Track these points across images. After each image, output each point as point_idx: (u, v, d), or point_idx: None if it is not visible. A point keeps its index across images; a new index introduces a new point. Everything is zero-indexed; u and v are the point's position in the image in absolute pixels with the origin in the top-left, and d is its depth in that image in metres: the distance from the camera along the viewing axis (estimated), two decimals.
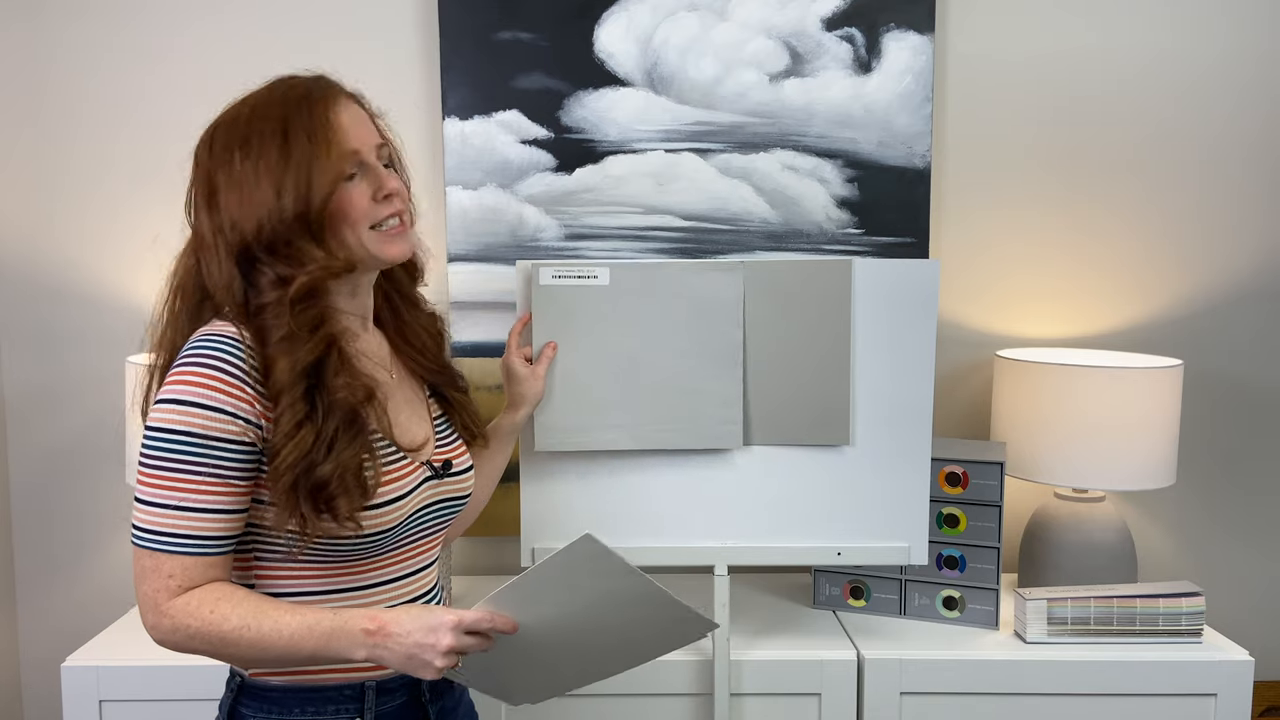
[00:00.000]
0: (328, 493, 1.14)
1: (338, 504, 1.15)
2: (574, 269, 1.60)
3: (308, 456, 1.13)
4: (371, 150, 1.24)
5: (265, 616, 1.13)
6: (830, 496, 1.64)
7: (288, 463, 1.13)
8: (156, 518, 1.13)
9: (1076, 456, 1.86)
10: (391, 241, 1.25)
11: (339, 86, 1.26)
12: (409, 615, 1.14)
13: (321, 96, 1.22)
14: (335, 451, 1.15)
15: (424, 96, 2.05)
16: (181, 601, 1.13)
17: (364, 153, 1.23)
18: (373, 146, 1.24)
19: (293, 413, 1.14)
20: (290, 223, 1.17)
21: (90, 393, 2.11)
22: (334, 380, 1.18)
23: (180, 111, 2.04)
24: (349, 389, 1.18)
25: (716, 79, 2.03)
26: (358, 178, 1.22)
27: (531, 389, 1.57)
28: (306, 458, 1.13)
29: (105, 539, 2.14)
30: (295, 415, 1.14)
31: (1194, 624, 1.78)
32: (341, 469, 1.15)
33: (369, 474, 1.18)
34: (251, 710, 1.25)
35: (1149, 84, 2.09)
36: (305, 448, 1.13)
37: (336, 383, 1.18)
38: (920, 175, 2.05)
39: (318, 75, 1.26)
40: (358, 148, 1.22)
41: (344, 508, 1.15)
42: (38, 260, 2.09)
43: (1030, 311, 2.14)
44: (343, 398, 1.17)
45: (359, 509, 1.16)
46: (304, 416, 1.14)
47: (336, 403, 1.17)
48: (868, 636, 1.81)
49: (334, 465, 1.14)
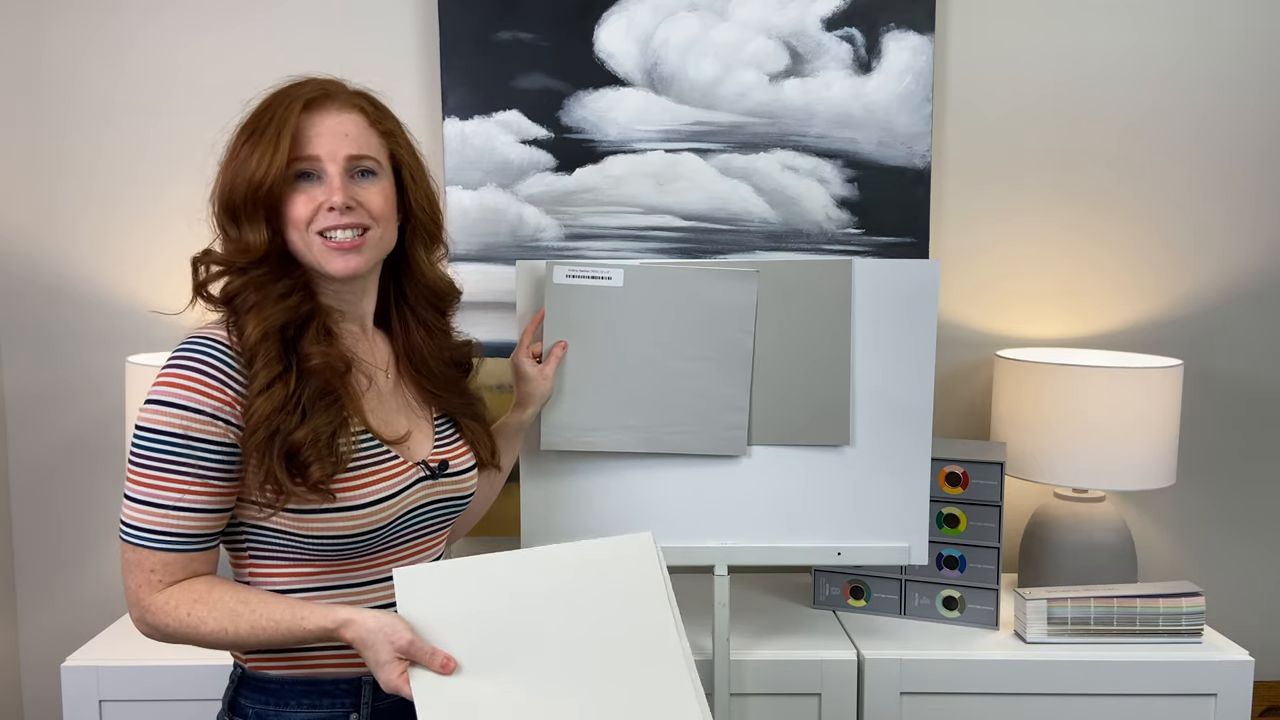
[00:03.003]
0: (301, 458, 1.17)
1: (310, 470, 1.17)
2: (587, 269, 1.60)
3: (280, 413, 1.16)
4: (338, 160, 1.23)
5: (240, 620, 1.17)
6: (830, 496, 1.64)
7: (261, 415, 1.16)
8: (141, 514, 1.17)
9: (1076, 456, 1.86)
10: (336, 255, 1.24)
11: (341, 94, 1.26)
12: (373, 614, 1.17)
13: (309, 99, 1.24)
14: (309, 417, 1.18)
15: (424, 96, 2.05)
16: (161, 599, 1.17)
17: (323, 160, 1.23)
18: (342, 157, 1.23)
19: (267, 371, 1.18)
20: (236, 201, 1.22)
21: (90, 393, 2.11)
22: (311, 348, 1.21)
23: (180, 111, 2.05)
24: (325, 357, 1.22)
25: (716, 79, 2.03)
26: (311, 183, 1.23)
27: (539, 388, 1.57)
28: (279, 414, 1.16)
29: (105, 539, 2.14)
30: (270, 373, 1.18)
31: (1194, 624, 1.78)
32: (315, 434, 1.17)
33: (342, 443, 1.20)
34: (250, 701, 1.27)
35: (1149, 84, 2.09)
36: (277, 402, 1.16)
37: (313, 350, 1.21)
38: (920, 175, 2.05)
39: (330, 80, 1.27)
40: (317, 154, 1.23)
41: (316, 473, 1.17)
42: (38, 260, 2.09)
43: (1030, 311, 2.14)
44: (318, 365, 1.21)
45: (330, 475, 1.18)
46: (277, 375, 1.18)
47: (312, 369, 1.20)
48: (868, 636, 1.81)
49: (308, 430, 1.17)
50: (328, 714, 1.25)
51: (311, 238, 1.23)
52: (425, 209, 1.33)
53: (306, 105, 1.23)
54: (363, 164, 1.25)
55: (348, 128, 1.24)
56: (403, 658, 1.14)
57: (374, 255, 1.27)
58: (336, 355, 1.24)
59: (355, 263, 1.24)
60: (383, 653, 1.14)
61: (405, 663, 1.14)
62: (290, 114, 1.22)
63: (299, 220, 1.23)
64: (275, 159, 1.20)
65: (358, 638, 1.16)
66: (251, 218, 1.22)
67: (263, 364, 1.18)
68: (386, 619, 1.16)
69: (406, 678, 1.14)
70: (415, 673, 1.14)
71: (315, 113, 1.24)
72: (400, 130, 1.32)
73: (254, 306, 1.21)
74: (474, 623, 1.18)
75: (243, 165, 1.21)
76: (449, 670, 1.14)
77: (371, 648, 1.15)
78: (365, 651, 1.16)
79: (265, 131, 1.21)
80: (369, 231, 1.25)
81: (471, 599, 1.19)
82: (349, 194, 1.23)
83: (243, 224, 1.22)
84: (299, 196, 1.23)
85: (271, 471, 1.16)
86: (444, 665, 1.14)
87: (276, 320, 1.20)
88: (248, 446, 1.17)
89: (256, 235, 1.22)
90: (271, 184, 1.20)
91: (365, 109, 1.27)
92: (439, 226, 1.37)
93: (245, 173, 1.21)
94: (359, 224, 1.24)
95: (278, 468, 1.16)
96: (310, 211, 1.22)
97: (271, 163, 1.20)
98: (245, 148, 1.22)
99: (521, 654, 1.17)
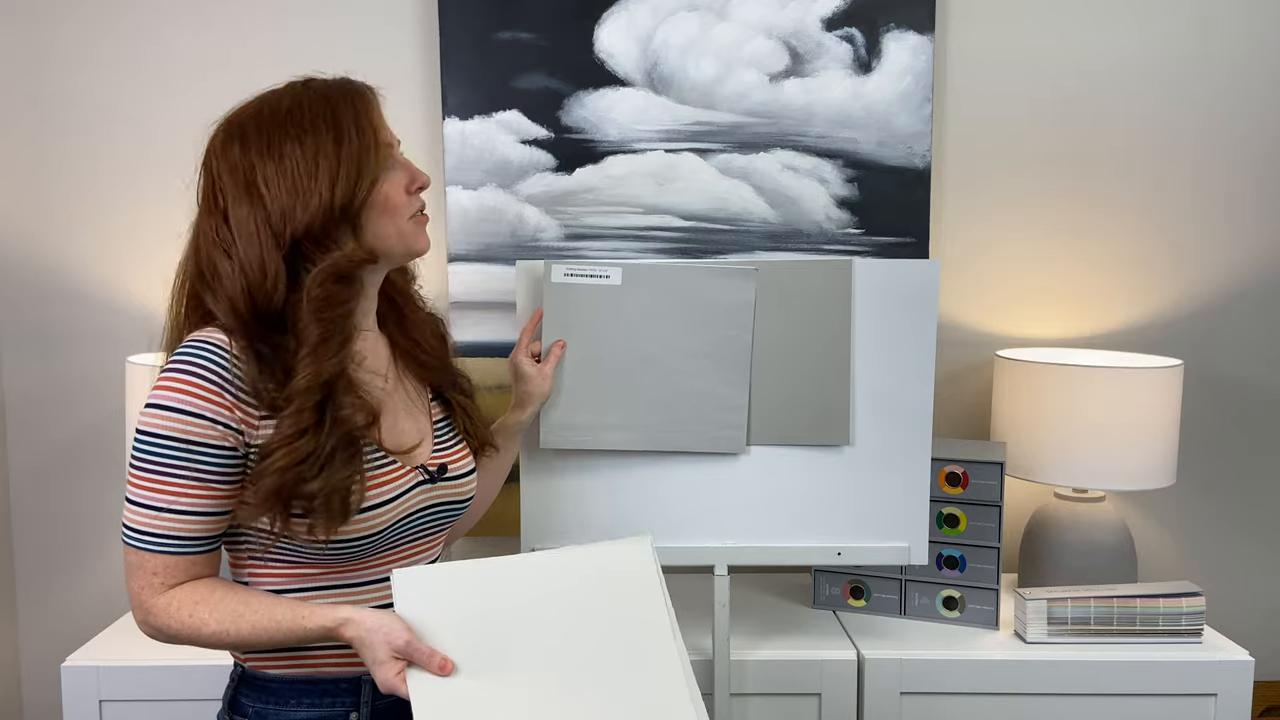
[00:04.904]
0: (310, 508, 1.16)
1: (315, 522, 1.17)
2: (586, 268, 1.60)
3: (299, 466, 1.14)
4: (398, 145, 1.28)
5: (241, 621, 1.17)
6: (830, 496, 1.64)
7: (278, 466, 1.14)
8: (141, 517, 1.17)
9: (1076, 456, 1.86)
10: (423, 233, 1.29)
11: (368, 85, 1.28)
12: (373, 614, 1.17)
13: (360, 93, 1.25)
14: (327, 471, 1.16)
15: (424, 96, 2.05)
16: (164, 601, 1.17)
17: (396, 147, 1.27)
18: (397, 142, 1.28)
19: (298, 420, 1.15)
20: (337, 213, 1.19)
21: (90, 393, 2.11)
22: (343, 398, 1.19)
23: (180, 110, 2.04)
24: (355, 408, 1.20)
25: (716, 79, 2.03)
26: (393, 170, 1.25)
27: (538, 388, 1.57)
28: (298, 467, 1.14)
29: (105, 539, 2.14)
30: (300, 423, 1.15)
31: (1194, 624, 1.78)
32: (329, 489, 1.16)
33: (354, 498, 1.19)
34: (250, 700, 1.27)
35: (1150, 84, 2.09)
36: (299, 456, 1.15)
37: (345, 400, 1.19)
38: (920, 175, 2.05)
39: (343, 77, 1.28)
40: (392, 142, 1.26)
41: (320, 527, 1.17)
42: (38, 260, 2.09)
43: (1030, 311, 2.14)
44: (347, 415, 1.19)
45: (336, 528, 1.18)
46: (309, 426, 1.15)
47: (341, 420, 1.18)
48: (868, 636, 1.81)
49: (323, 484, 1.15)
50: (327, 713, 1.25)
51: (404, 222, 1.25)
52: None
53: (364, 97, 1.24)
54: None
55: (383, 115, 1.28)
56: (400, 658, 1.14)
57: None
58: (365, 407, 1.21)
59: (428, 238, 1.31)
60: (380, 652, 1.14)
61: (402, 663, 1.14)
62: (363, 109, 1.23)
63: (399, 208, 1.24)
64: (379, 155, 1.21)
65: (356, 636, 1.16)
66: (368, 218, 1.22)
67: (294, 413, 1.15)
68: (385, 619, 1.16)
69: (404, 678, 1.14)
70: (412, 673, 1.14)
71: (372, 104, 1.26)
72: None
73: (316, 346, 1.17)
74: (471, 625, 1.18)
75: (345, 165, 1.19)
76: (446, 671, 1.14)
77: (369, 647, 1.15)
78: (363, 650, 1.16)
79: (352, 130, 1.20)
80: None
81: (469, 601, 1.19)
82: None
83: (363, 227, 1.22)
84: (391, 186, 1.24)
85: (274, 515, 1.16)
86: (441, 666, 1.14)
87: (331, 371, 1.17)
88: (255, 490, 1.16)
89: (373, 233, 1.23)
90: (376, 177, 1.21)
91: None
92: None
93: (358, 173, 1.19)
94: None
95: (280, 514, 1.16)
96: (406, 196, 1.26)
97: (378, 160, 1.21)
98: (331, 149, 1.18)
99: (518, 656, 1.17)
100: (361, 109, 1.23)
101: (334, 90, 1.23)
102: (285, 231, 1.17)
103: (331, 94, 1.23)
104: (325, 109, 1.21)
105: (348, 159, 1.19)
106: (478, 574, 1.22)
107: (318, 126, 1.19)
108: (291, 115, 1.20)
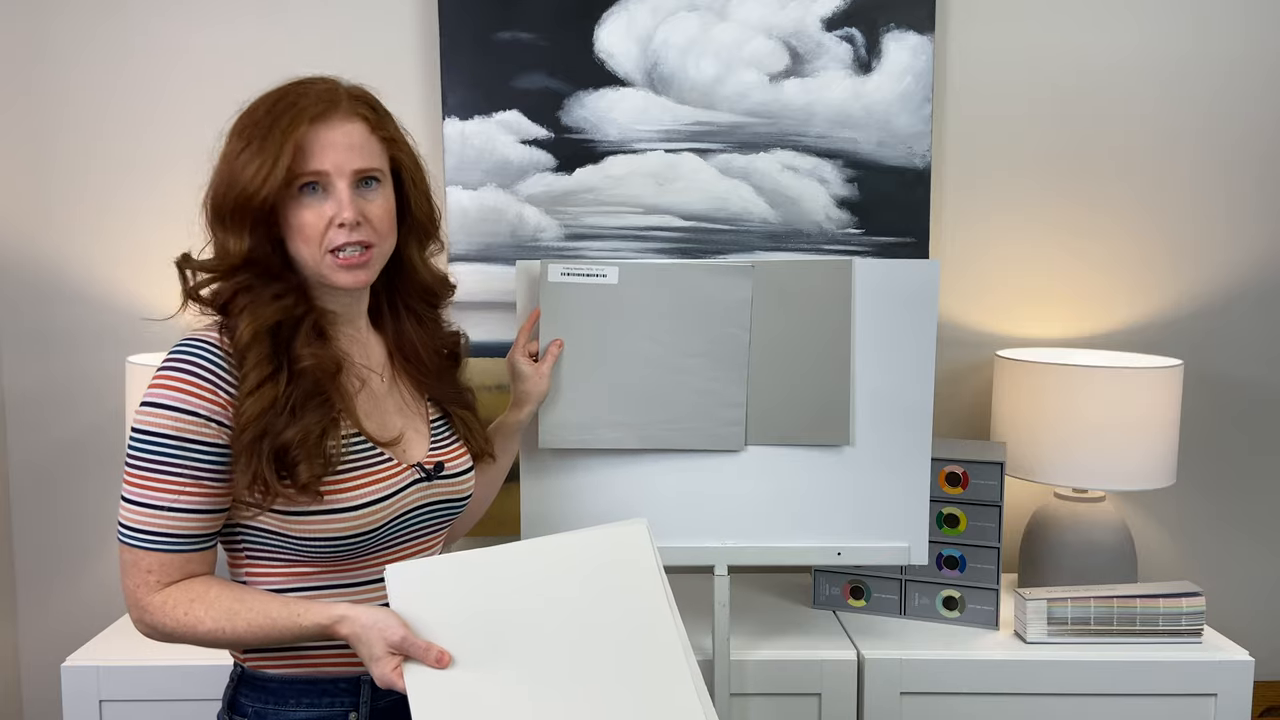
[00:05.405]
0: (289, 458, 1.17)
1: (299, 469, 1.17)
2: (583, 267, 1.60)
3: (268, 414, 1.16)
4: (345, 174, 1.22)
5: (237, 618, 1.18)
6: (830, 496, 1.64)
7: (249, 416, 1.16)
8: (136, 515, 1.18)
9: (1076, 456, 1.86)
10: (344, 270, 1.24)
11: (344, 103, 1.24)
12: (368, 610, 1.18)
13: (313, 113, 1.21)
14: (299, 418, 1.18)
15: (424, 96, 2.05)
16: (159, 599, 1.18)
17: (331, 175, 1.22)
18: (349, 171, 1.22)
19: (257, 371, 1.18)
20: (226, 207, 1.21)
21: (90, 393, 2.11)
22: (302, 349, 1.21)
23: (179, 109, 2.05)
24: (316, 358, 1.22)
25: (716, 79, 2.03)
26: (319, 196, 1.22)
27: (536, 387, 1.57)
28: (267, 415, 1.16)
29: (105, 539, 2.14)
30: (259, 374, 1.18)
31: (1194, 624, 1.78)
32: (304, 434, 1.18)
33: (331, 444, 1.20)
34: (249, 700, 1.27)
35: (1150, 84, 2.09)
36: (266, 403, 1.17)
37: (304, 351, 1.21)
38: (920, 175, 2.05)
39: (330, 87, 1.25)
40: (324, 169, 1.21)
41: (304, 474, 1.17)
42: (37, 260, 2.09)
43: (1030, 311, 2.14)
44: (309, 366, 1.21)
45: (319, 476, 1.18)
46: (267, 376, 1.18)
47: (303, 370, 1.20)
48: (868, 636, 1.81)
49: (297, 430, 1.17)
50: (327, 713, 1.25)
51: (323, 255, 1.23)
52: (423, 209, 1.33)
53: (311, 117, 1.21)
54: (367, 174, 1.25)
55: (353, 139, 1.23)
56: (396, 653, 1.14)
57: (379, 267, 1.28)
58: (328, 356, 1.24)
59: (363, 277, 1.25)
60: (376, 648, 1.14)
61: (399, 658, 1.15)
62: (295, 127, 1.19)
63: (311, 235, 1.22)
64: (274, 172, 1.18)
65: (352, 633, 1.16)
66: (238, 225, 1.21)
67: (253, 364, 1.18)
68: (380, 614, 1.16)
69: (401, 673, 1.14)
70: (409, 668, 1.14)
71: (320, 125, 1.21)
72: (399, 133, 1.31)
73: (246, 308, 1.20)
74: (467, 617, 1.18)
75: (239, 172, 1.20)
76: (443, 665, 1.14)
77: (365, 643, 1.15)
78: (359, 647, 1.16)
79: (266, 141, 1.19)
80: (373, 248, 1.25)
81: (464, 593, 1.20)
82: (357, 209, 1.22)
83: (229, 229, 1.22)
84: (305, 210, 1.21)
85: (260, 473, 1.16)
86: (438, 660, 1.14)
87: (268, 320, 1.20)
88: (237, 447, 1.17)
89: (239, 242, 1.21)
90: (266, 196, 1.19)
91: (367, 116, 1.26)
92: (435, 226, 1.37)
93: (240, 181, 1.19)
94: (365, 241, 1.23)
95: (266, 469, 1.16)
96: (322, 226, 1.21)
97: (270, 175, 1.18)
98: (244, 154, 1.20)
99: (516, 646, 1.17)
100: (291, 126, 1.19)
101: (287, 101, 1.22)
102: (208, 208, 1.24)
103: (283, 104, 1.22)
104: (263, 114, 1.21)
105: (245, 164, 1.19)
106: (472, 565, 1.22)
107: (246, 127, 1.22)
108: (251, 111, 1.23)
